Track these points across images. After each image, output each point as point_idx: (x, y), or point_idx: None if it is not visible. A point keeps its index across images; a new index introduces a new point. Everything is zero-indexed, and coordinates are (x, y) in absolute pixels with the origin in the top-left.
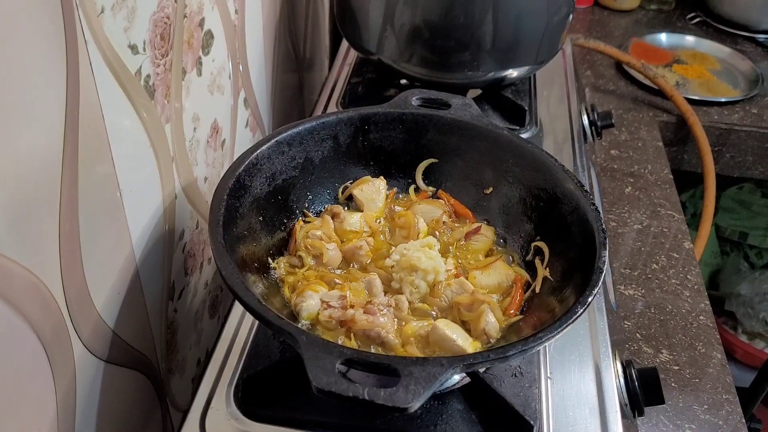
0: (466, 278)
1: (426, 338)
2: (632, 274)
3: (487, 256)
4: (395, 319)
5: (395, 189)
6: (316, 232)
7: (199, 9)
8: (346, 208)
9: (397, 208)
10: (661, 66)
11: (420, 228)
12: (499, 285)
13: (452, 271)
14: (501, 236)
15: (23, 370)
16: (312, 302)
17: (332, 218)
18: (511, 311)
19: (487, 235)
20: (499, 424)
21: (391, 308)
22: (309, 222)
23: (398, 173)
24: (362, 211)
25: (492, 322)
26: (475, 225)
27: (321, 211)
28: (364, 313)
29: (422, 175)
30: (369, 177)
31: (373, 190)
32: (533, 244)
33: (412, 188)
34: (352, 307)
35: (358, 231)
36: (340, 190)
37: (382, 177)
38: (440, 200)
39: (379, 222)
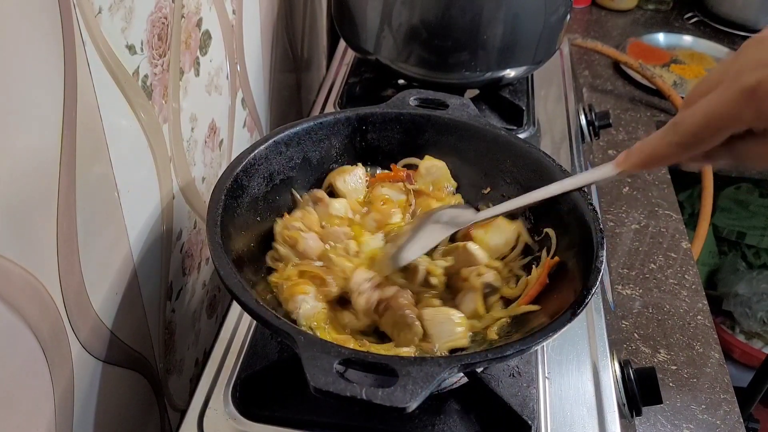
0: (471, 239)
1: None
2: (630, 273)
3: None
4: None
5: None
6: (295, 223)
7: (196, 9)
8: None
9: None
10: (659, 66)
11: (394, 220)
12: (506, 242)
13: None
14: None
15: (21, 371)
16: (307, 306)
17: (315, 203)
18: (536, 291)
19: (438, 165)
20: (497, 424)
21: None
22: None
23: None
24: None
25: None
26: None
27: None
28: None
29: None
30: (348, 166)
31: (354, 179)
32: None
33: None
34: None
35: (344, 217)
36: (324, 183)
37: (359, 164)
38: (398, 182)
39: (365, 209)
